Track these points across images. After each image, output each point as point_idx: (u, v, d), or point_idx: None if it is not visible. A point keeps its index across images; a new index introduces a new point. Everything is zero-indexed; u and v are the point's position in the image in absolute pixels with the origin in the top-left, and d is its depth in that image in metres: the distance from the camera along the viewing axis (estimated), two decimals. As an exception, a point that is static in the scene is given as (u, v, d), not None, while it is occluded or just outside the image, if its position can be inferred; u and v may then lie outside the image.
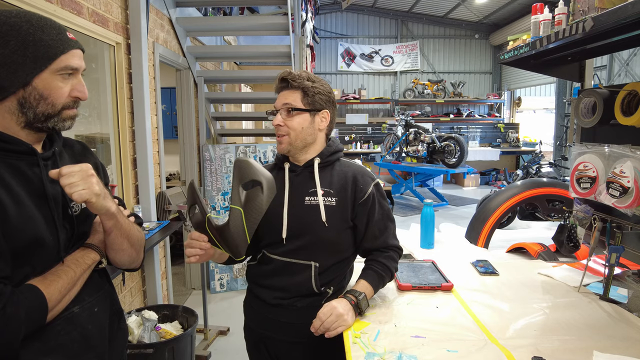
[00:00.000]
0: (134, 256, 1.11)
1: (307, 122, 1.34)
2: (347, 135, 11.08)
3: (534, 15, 1.74)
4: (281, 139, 1.34)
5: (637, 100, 1.49)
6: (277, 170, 1.42)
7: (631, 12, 1.13)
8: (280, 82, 1.35)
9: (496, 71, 12.26)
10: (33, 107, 0.92)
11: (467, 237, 3.04)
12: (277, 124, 1.33)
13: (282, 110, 1.33)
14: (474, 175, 10.21)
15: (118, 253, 1.07)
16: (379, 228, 1.39)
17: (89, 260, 1.01)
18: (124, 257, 1.09)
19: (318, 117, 1.35)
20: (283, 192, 1.35)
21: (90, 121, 2.84)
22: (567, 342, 1.17)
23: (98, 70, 2.65)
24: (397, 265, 1.43)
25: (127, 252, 1.08)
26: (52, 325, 0.93)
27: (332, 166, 1.40)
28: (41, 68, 0.91)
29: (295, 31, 3.78)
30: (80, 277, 0.98)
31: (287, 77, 1.33)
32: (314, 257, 1.34)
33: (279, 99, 1.35)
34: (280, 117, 1.32)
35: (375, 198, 1.38)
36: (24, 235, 0.87)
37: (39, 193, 0.93)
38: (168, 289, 3.33)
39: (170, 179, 5.46)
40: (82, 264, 0.99)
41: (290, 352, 1.40)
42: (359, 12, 11.97)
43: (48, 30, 0.93)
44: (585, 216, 1.78)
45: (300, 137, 1.34)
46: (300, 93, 1.32)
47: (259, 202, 1.11)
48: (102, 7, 2.42)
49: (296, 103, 1.32)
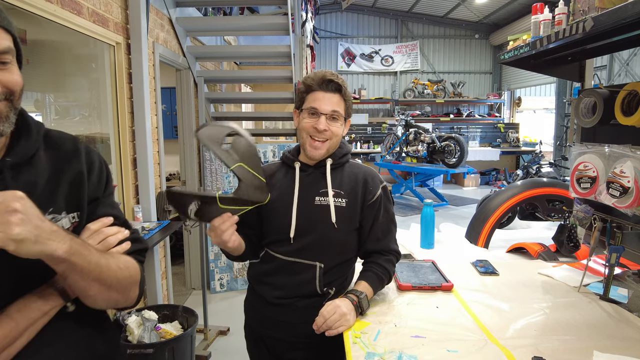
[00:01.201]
0: (115, 298, 0.87)
1: (341, 130, 1.36)
2: (347, 135, 11.05)
3: (534, 15, 1.74)
4: (321, 144, 1.32)
5: (637, 100, 1.49)
6: (286, 169, 1.42)
7: (631, 12, 1.13)
8: (326, 83, 1.31)
9: (496, 71, 12.26)
10: None
11: (467, 237, 3.04)
12: (324, 129, 1.30)
13: (328, 115, 1.31)
14: (474, 175, 10.21)
15: (87, 299, 0.84)
16: (383, 231, 1.40)
17: (47, 306, 0.80)
18: (98, 302, 0.85)
19: (346, 124, 1.39)
20: (293, 191, 1.35)
21: (90, 121, 2.84)
22: (567, 342, 1.17)
23: (98, 70, 2.65)
24: (395, 270, 1.45)
25: (101, 296, 0.84)
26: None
27: (342, 167, 1.40)
28: None
29: (295, 31, 3.78)
30: (28, 329, 0.78)
31: (338, 81, 1.31)
32: (319, 257, 1.34)
33: (325, 102, 1.30)
34: (327, 121, 1.31)
35: (382, 201, 1.39)
36: None
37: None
38: (168, 289, 3.33)
39: (170, 179, 5.46)
40: (33, 310, 0.78)
41: (291, 352, 1.40)
42: (359, 12, 11.97)
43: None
44: (586, 216, 1.78)
45: (335, 144, 1.36)
46: (344, 102, 1.34)
47: (246, 145, 1.14)
48: (102, 7, 2.42)
49: (343, 112, 1.33)
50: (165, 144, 3.31)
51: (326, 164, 1.37)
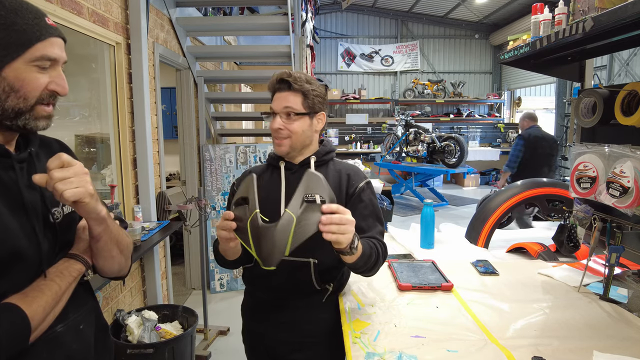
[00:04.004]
0: (122, 264, 1.02)
1: (307, 125, 1.33)
2: (347, 135, 11.07)
3: (534, 15, 1.74)
4: (281, 141, 1.33)
5: (637, 100, 1.49)
6: (272, 169, 1.42)
7: (631, 12, 1.13)
8: (278, 83, 1.33)
9: (496, 71, 12.26)
10: (1, 100, 0.80)
11: (467, 237, 3.03)
12: (278, 128, 1.31)
13: (282, 113, 1.31)
14: (474, 175, 10.21)
15: (107, 261, 0.97)
16: (368, 225, 1.34)
17: (75, 272, 0.90)
18: (114, 265, 0.99)
19: (315, 119, 1.36)
20: (279, 190, 1.35)
21: (90, 121, 2.84)
22: (567, 342, 1.17)
23: (98, 70, 2.65)
24: (382, 261, 1.33)
25: (117, 260, 0.99)
26: (33, 347, 0.82)
27: (326, 165, 1.41)
28: (13, 56, 0.79)
29: (295, 31, 3.78)
30: (66, 292, 0.88)
31: (288, 79, 1.30)
32: (312, 253, 1.32)
33: (278, 101, 1.32)
34: (280, 120, 1.31)
35: (365, 193, 1.36)
36: (1, 249, 0.77)
37: (15, 200, 0.82)
38: (168, 289, 3.33)
39: (170, 179, 5.46)
40: (67, 276, 0.88)
41: (291, 353, 1.39)
42: (359, 12, 11.97)
43: (23, 13, 0.81)
44: (585, 216, 1.78)
45: (300, 140, 1.34)
46: (300, 96, 1.31)
47: (315, 219, 1.07)
48: (102, 7, 2.42)
49: (297, 107, 1.31)
50: (165, 144, 3.31)
51: (310, 161, 1.37)
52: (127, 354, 2.22)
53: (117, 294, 2.63)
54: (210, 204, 3.97)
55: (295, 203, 1.09)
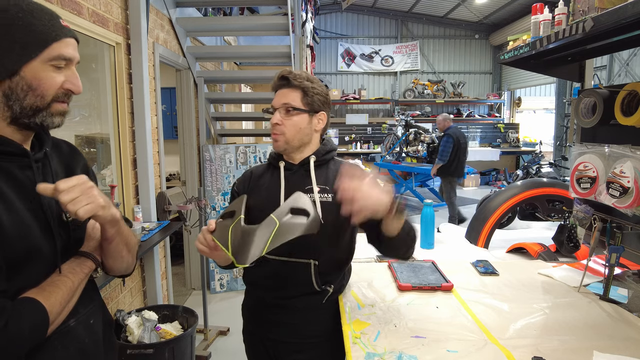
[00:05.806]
0: (130, 262, 1.06)
1: (305, 123, 1.34)
2: (347, 135, 11.07)
3: (534, 15, 1.74)
4: (277, 137, 1.34)
5: (637, 100, 1.50)
6: (272, 169, 1.42)
7: (631, 12, 1.13)
8: (279, 80, 1.35)
9: (496, 71, 12.26)
10: (20, 99, 0.83)
11: (467, 237, 3.04)
12: (275, 123, 1.32)
13: (281, 109, 1.33)
14: (474, 175, 10.21)
15: (117, 261, 1.01)
16: None
17: (86, 269, 0.95)
18: (122, 265, 1.04)
19: (315, 118, 1.36)
20: (279, 190, 1.35)
21: (90, 121, 2.84)
22: (567, 342, 1.17)
23: (98, 71, 2.65)
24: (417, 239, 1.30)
25: (125, 259, 1.03)
26: (48, 340, 0.85)
27: (327, 164, 1.40)
28: (31, 56, 0.83)
29: (295, 31, 3.78)
30: (78, 288, 0.92)
31: (288, 75, 1.33)
32: (312, 254, 1.32)
33: (278, 98, 1.34)
34: (279, 115, 1.32)
35: None
36: (19, 245, 0.81)
37: (32, 198, 0.86)
38: (168, 289, 3.33)
39: (170, 179, 5.46)
40: (79, 273, 0.92)
41: (291, 353, 1.39)
42: (359, 12, 11.98)
43: (39, 14, 0.84)
44: (585, 216, 1.78)
45: (297, 137, 1.34)
46: (300, 93, 1.32)
47: (296, 227, 1.10)
48: (102, 7, 2.42)
49: (296, 103, 1.32)
50: (165, 144, 3.31)
51: (310, 161, 1.37)
52: (127, 354, 2.22)
53: (117, 294, 2.63)
54: (210, 204, 3.97)
55: (281, 212, 1.13)
